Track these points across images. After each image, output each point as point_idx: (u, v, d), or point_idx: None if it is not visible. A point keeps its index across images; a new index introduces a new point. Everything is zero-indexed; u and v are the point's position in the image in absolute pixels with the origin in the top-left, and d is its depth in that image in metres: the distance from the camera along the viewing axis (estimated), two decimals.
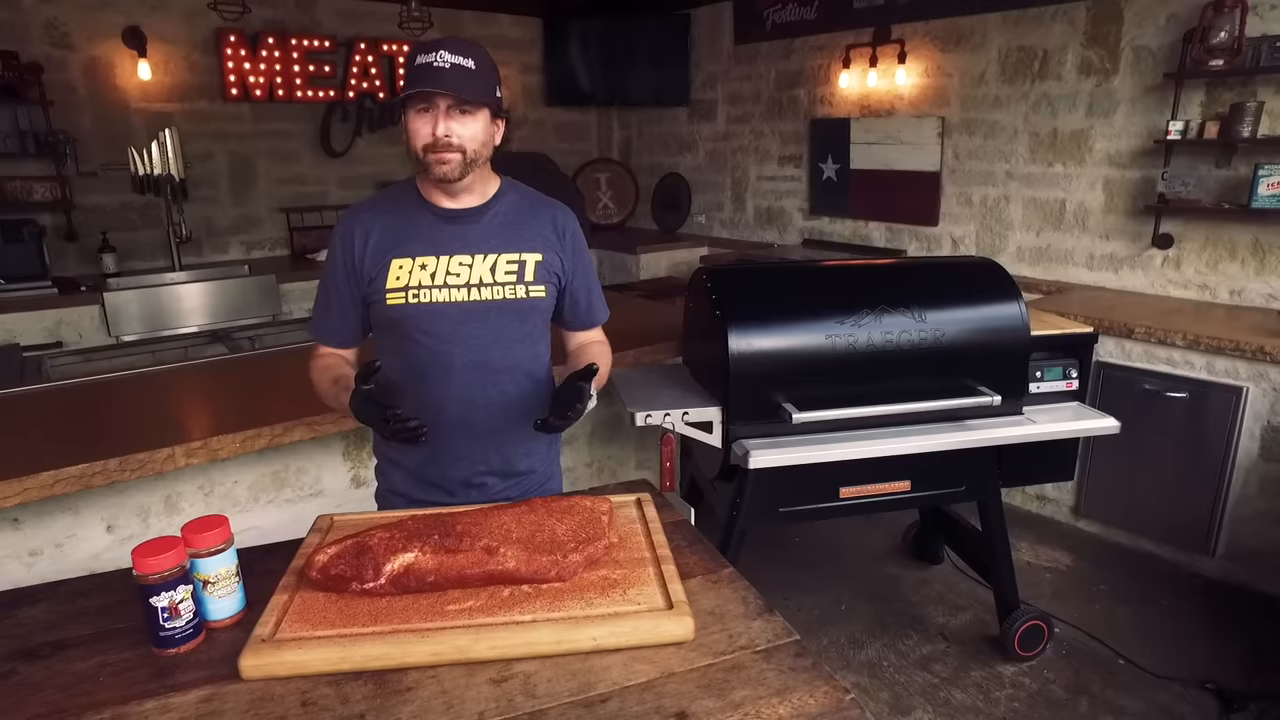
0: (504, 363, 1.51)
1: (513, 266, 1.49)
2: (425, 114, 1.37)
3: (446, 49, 1.35)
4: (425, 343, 1.47)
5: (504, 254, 1.49)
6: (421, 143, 1.38)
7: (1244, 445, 2.82)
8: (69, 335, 3.84)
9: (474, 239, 1.48)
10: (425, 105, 1.37)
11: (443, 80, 1.33)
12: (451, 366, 1.48)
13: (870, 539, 3.30)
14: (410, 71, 1.37)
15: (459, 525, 1.18)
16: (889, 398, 2.19)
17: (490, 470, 1.57)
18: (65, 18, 4.17)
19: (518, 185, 1.57)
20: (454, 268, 1.46)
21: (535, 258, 1.51)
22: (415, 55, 1.37)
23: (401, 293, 1.45)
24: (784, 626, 1.11)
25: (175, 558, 1.06)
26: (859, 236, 4.79)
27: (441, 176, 1.40)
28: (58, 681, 1.02)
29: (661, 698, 0.97)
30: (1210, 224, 3.33)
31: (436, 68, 1.33)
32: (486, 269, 1.47)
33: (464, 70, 1.35)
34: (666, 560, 1.20)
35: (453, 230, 1.47)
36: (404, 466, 1.57)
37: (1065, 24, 3.66)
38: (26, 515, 1.92)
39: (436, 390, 1.49)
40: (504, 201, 1.52)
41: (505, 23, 5.63)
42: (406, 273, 1.45)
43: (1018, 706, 2.36)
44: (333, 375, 1.52)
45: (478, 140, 1.40)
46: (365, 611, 1.09)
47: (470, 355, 1.48)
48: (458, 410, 1.51)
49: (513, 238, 1.50)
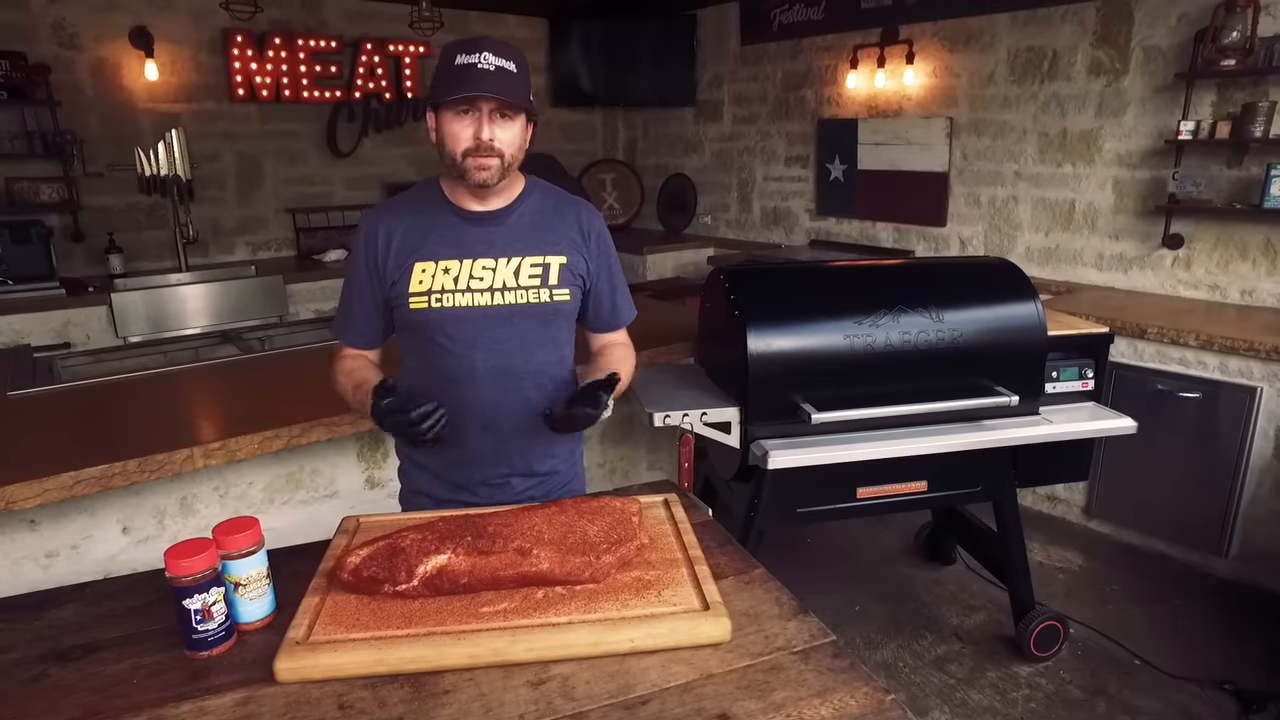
0: (527, 366, 1.50)
1: (537, 270, 1.47)
2: (466, 116, 1.34)
3: (490, 50, 1.32)
4: (448, 347, 1.46)
5: (528, 257, 1.47)
6: (462, 147, 1.35)
7: (1258, 445, 2.81)
8: (77, 336, 3.83)
9: (498, 242, 1.46)
10: (467, 108, 1.34)
11: (488, 83, 1.30)
12: (475, 370, 1.47)
13: (882, 539, 3.29)
14: (451, 72, 1.33)
15: (490, 526, 1.18)
16: (907, 398, 2.19)
17: (514, 471, 1.56)
18: (73, 18, 4.17)
19: (542, 183, 1.55)
20: (478, 271, 1.44)
21: (560, 260, 1.49)
22: (455, 55, 1.33)
23: (424, 296, 1.44)
24: (819, 627, 1.11)
25: (208, 559, 1.06)
26: (866, 237, 4.79)
27: (481, 183, 1.38)
28: (91, 684, 1.01)
29: (702, 699, 0.97)
30: (1221, 224, 3.32)
31: (481, 69, 1.30)
32: (510, 272, 1.46)
33: (508, 74, 1.33)
34: (699, 561, 1.19)
35: (477, 233, 1.46)
36: (429, 469, 1.57)
37: (1075, 24, 3.66)
38: (43, 517, 1.91)
39: (460, 393, 1.48)
40: (529, 202, 1.50)
41: (512, 23, 5.62)
42: (430, 276, 1.43)
43: (1035, 707, 2.35)
44: (356, 379, 1.50)
45: (515, 145, 1.39)
46: (398, 613, 1.08)
47: (494, 359, 1.47)
48: (481, 413, 1.50)
49: (537, 240, 1.48)
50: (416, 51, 5.21)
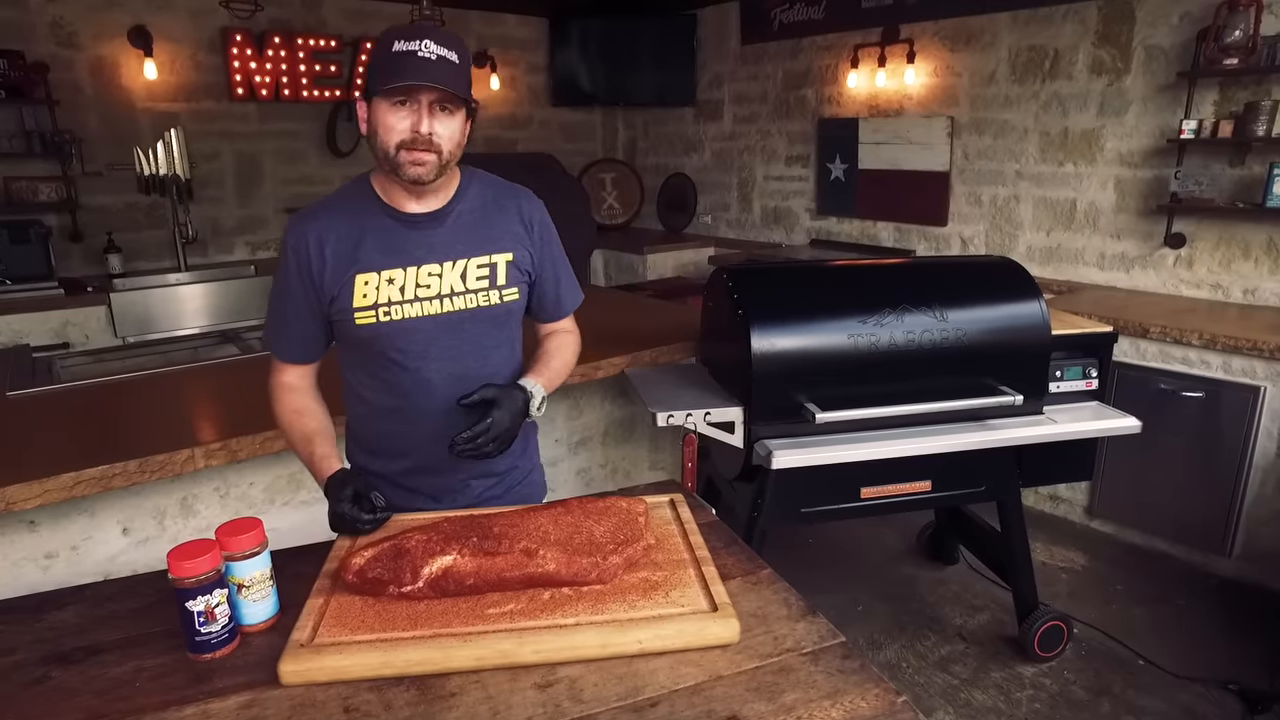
0: (481, 370, 1.44)
1: (484, 271, 1.40)
2: (402, 108, 1.26)
3: (431, 39, 1.23)
4: (399, 360, 1.39)
5: (474, 258, 1.39)
6: (397, 139, 1.26)
7: (1261, 445, 2.80)
8: (75, 336, 3.81)
9: (440, 245, 1.38)
10: (404, 99, 1.25)
11: (429, 73, 1.22)
12: (429, 381, 1.40)
13: (885, 539, 3.28)
14: (387, 59, 1.23)
15: (496, 527, 1.17)
16: (911, 397, 2.18)
17: (471, 475, 1.51)
18: (71, 17, 4.15)
19: (478, 174, 1.47)
20: (423, 279, 1.36)
21: (505, 258, 1.42)
22: (392, 41, 1.23)
23: (371, 311, 1.35)
24: (828, 628, 1.10)
25: (211, 561, 1.04)
26: (867, 236, 4.78)
27: (415, 179, 1.29)
28: (94, 687, 1.00)
29: (711, 701, 0.96)
30: (1223, 223, 3.32)
31: (421, 58, 1.22)
32: (457, 276, 1.38)
33: (450, 64, 1.24)
34: (706, 562, 1.18)
35: (416, 236, 1.36)
36: (386, 477, 1.49)
37: (1076, 23, 3.65)
38: (43, 518, 1.89)
39: (412, 405, 1.43)
40: (467, 199, 1.42)
41: (511, 23, 5.61)
42: (374, 289, 1.34)
43: (1039, 708, 2.35)
44: (306, 432, 1.42)
45: (454, 141, 1.30)
46: (404, 615, 1.07)
47: (447, 368, 1.41)
48: (436, 422, 1.41)
49: (480, 239, 1.41)
50: None
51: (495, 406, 1.33)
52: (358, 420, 1.53)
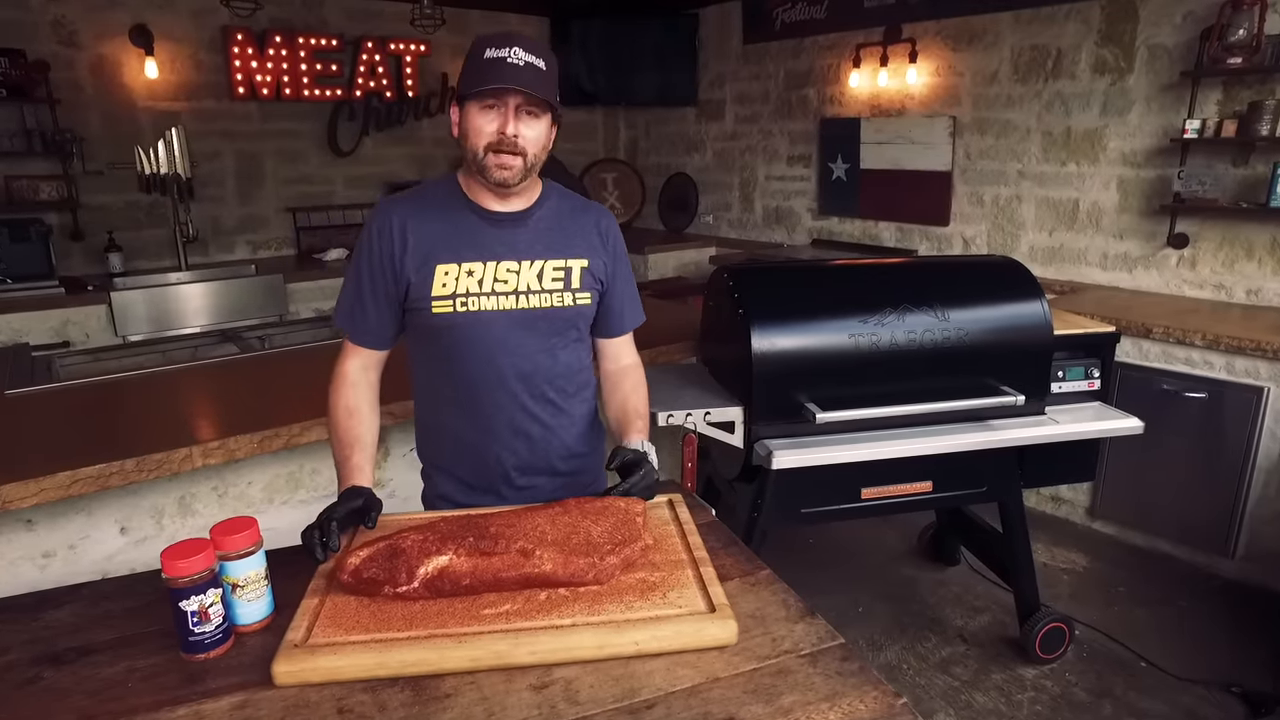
0: (552, 370, 1.48)
1: (559, 273, 1.44)
2: (491, 111, 1.32)
3: (520, 46, 1.29)
4: (473, 352, 1.43)
5: (550, 260, 1.44)
6: (485, 141, 1.32)
7: (1265, 445, 2.79)
8: (76, 335, 3.81)
9: (520, 244, 1.43)
10: (493, 102, 1.31)
11: (517, 78, 1.28)
12: (500, 375, 1.45)
13: (886, 540, 3.27)
14: (478, 66, 1.30)
15: (492, 527, 1.16)
16: (912, 397, 2.17)
17: (539, 472, 1.54)
18: (72, 16, 4.15)
19: (559, 188, 1.53)
20: (501, 274, 1.41)
21: (581, 264, 1.47)
22: (484, 48, 1.30)
23: (449, 300, 1.39)
24: (827, 629, 1.09)
25: (205, 560, 1.04)
26: (869, 236, 4.77)
27: (501, 181, 1.35)
28: (86, 688, 0.99)
29: (708, 703, 0.95)
30: (1227, 223, 3.30)
31: (511, 64, 1.28)
32: (534, 275, 1.43)
33: (537, 70, 1.30)
34: (704, 562, 1.17)
35: (499, 234, 1.42)
36: (454, 474, 1.54)
37: (1079, 23, 3.64)
38: (40, 517, 1.89)
39: (484, 398, 1.46)
40: (548, 205, 1.47)
41: (512, 22, 5.60)
42: (453, 279, 1.39)
43: (1040, 710, 2.33)
44: (350, 434, 1.42)
45: (539, 144, 1.36)
46: (399, 616, 1.06)
47: (518, 364, 1.45)
48: (506, 417, 1.48)
49: (559, 243, 1.46)
50: (418, 50, 5.20)
51: (638, 466, 1.38)
52: (426, 413, 1.56)
